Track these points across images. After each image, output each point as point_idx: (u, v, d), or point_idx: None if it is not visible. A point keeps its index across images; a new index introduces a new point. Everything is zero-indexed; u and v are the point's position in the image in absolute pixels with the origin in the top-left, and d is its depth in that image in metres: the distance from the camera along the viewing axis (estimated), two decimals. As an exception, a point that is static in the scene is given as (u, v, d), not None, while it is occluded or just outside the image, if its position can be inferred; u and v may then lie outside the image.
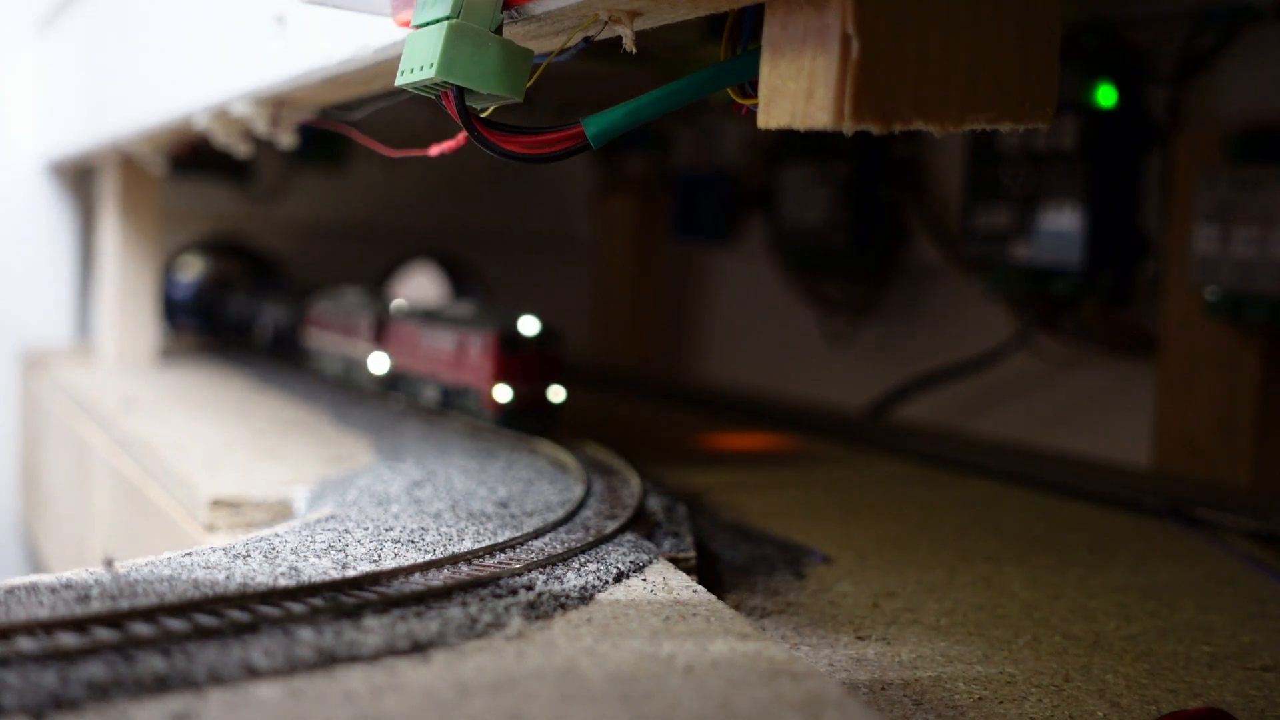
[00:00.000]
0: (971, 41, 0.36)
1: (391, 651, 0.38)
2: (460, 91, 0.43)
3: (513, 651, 0.39)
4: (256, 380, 1.13)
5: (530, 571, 0.47)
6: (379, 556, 0.49)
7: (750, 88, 0.41)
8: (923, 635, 0.52)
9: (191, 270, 1.60)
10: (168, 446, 0.78)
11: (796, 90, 0.36)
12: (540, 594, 0.45)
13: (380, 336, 0.96)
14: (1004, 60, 0.37)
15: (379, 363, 0.95)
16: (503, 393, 0.76)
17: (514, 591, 0.45)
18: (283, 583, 0.43)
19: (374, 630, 0.39)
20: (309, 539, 0.51)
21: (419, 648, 0.39)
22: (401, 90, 0.44)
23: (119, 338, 1.25)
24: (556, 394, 0.77)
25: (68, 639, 0.36)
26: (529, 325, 0.77)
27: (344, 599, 0.42)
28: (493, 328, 0.78)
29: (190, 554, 0.48)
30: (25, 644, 0.35)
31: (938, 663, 0.49)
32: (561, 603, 0.44)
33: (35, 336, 1.46)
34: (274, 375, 1.15)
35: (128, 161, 1.19)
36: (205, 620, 0.39)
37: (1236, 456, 0.85)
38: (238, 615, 0.39)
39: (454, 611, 0.42)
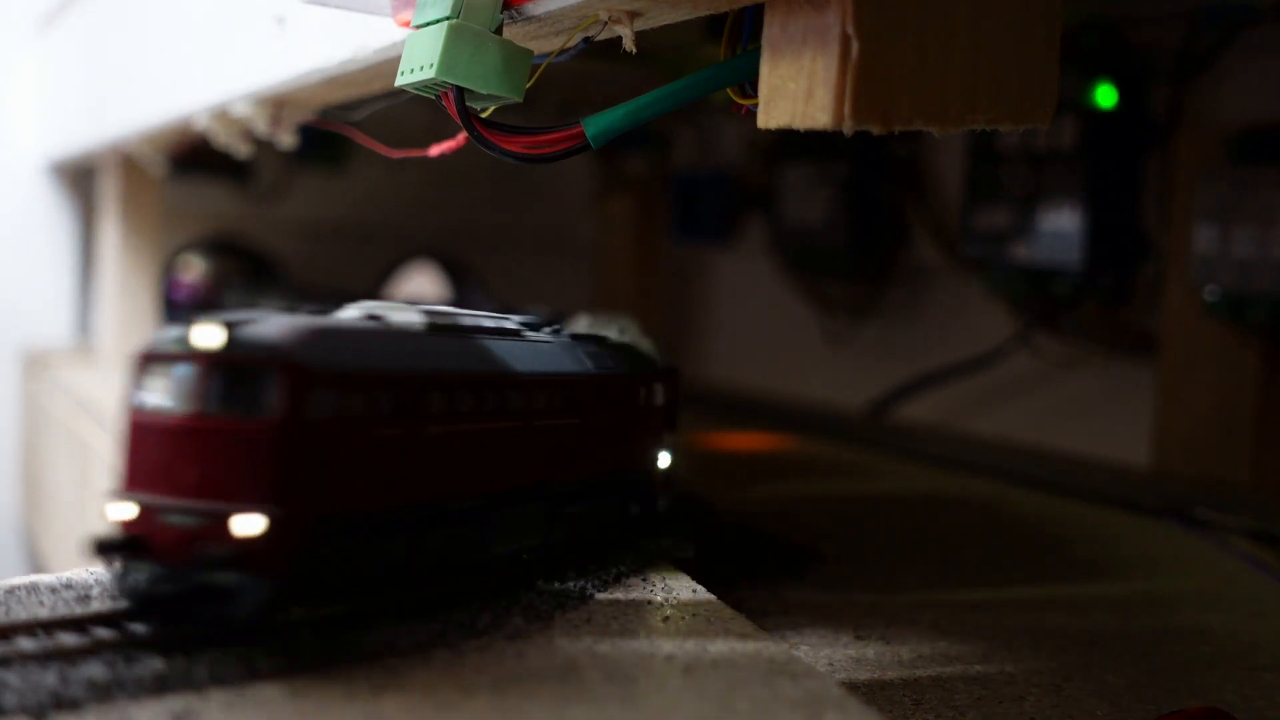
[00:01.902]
0: (971, 42, 0.36)
1: (392, 651, 0.38)
2: (460, 91, 0.43)
3: (513, 651, 0.39)
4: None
5: (530, 571, 0.47)
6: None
7: (750, 88, 0.41)
8: (922, 635, 0.52)
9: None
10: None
11: (796, 90, 0.36)
12: (540, 594, 0.45)
13: None
14: (1003, 60, 0.37)
15: None
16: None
17: (514, 591, 0.45)
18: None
19: (374, 630, 0.39)
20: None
21: (419, 647, 0.39)
22: (402, 90, 0.44)
23: (119, 338, 1.25)
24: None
25: (68, 639, 0.36)
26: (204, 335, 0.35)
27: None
28: None
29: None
30: (25, 644, 0.35)
31: (937, 662, 0.49)
32: (561, 603, 0.44)
33: (35, 336, 1.46)
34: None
35: (128, 162, 1.19)
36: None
37: (1236, 456, 0.85)
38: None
39: (454, 611, 0.42)
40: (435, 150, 0.55)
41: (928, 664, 0.48)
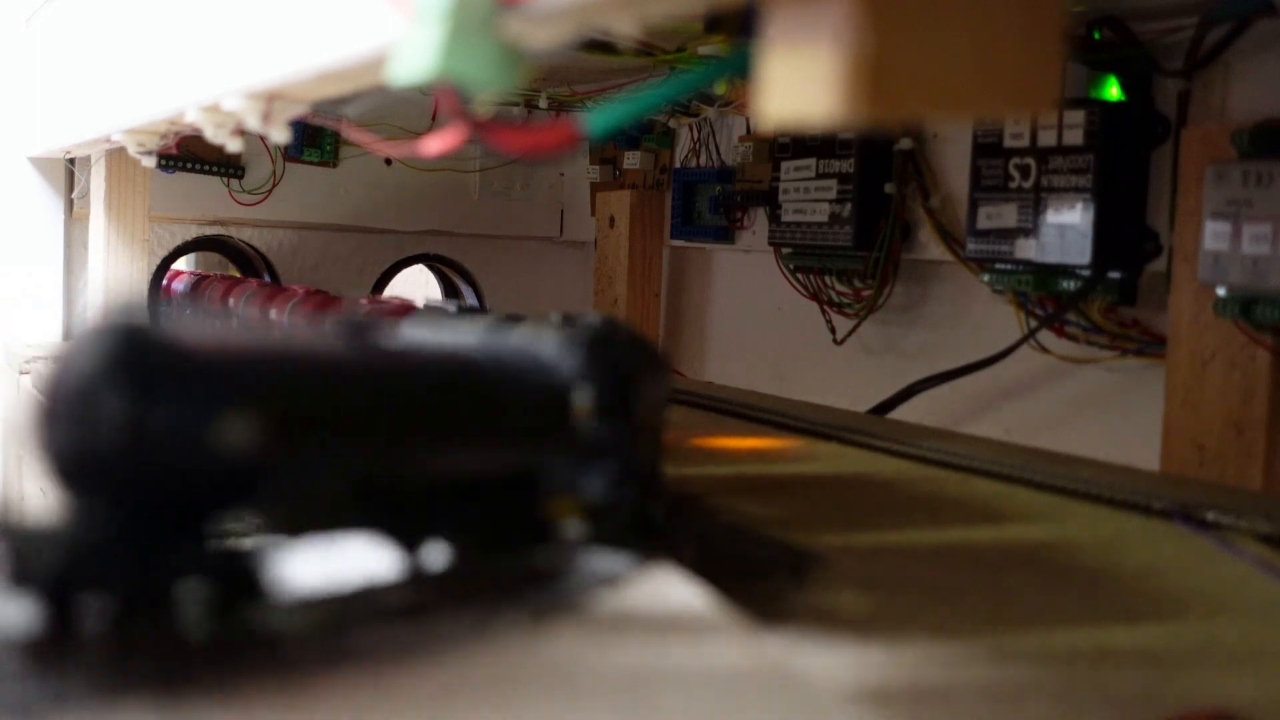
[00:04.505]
0: (973, 29, 0.35)
1: (384, 651, 0.37)
2: (457, 87, 0.42)
3: (513, 651, 0.38)
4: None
5: (529, 572, 0.47)
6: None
7: (751, 82, 0.40)
8: (925, 638, 0.51)
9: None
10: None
11: (797, 84, 0.35)
12: (539, 594, 0.44)
13: None
14: (1006, 46, 0.36)
15: None
16: None
17: (514, 592, 0.44)
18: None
19: (366, 630, 0.39)
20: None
21: (412, 648, 0.38)
22: (397, 86, 0.43)
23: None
24: None
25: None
26: None
27: (344, 599, 0.41)
28: None
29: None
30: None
31: (941, 666, 0.48)
32: (558, 603, 0.44)
33: (23, 338, 1.45)
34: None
35: (116, 157, 1.18)
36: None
37: (1247, 457, 0.84)
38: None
39: (448, 611, 0.41)
40: (432, 147, 0.55)
41: (931, 669, 0.48)
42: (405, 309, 0.91)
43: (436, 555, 0.44)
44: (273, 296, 1.19)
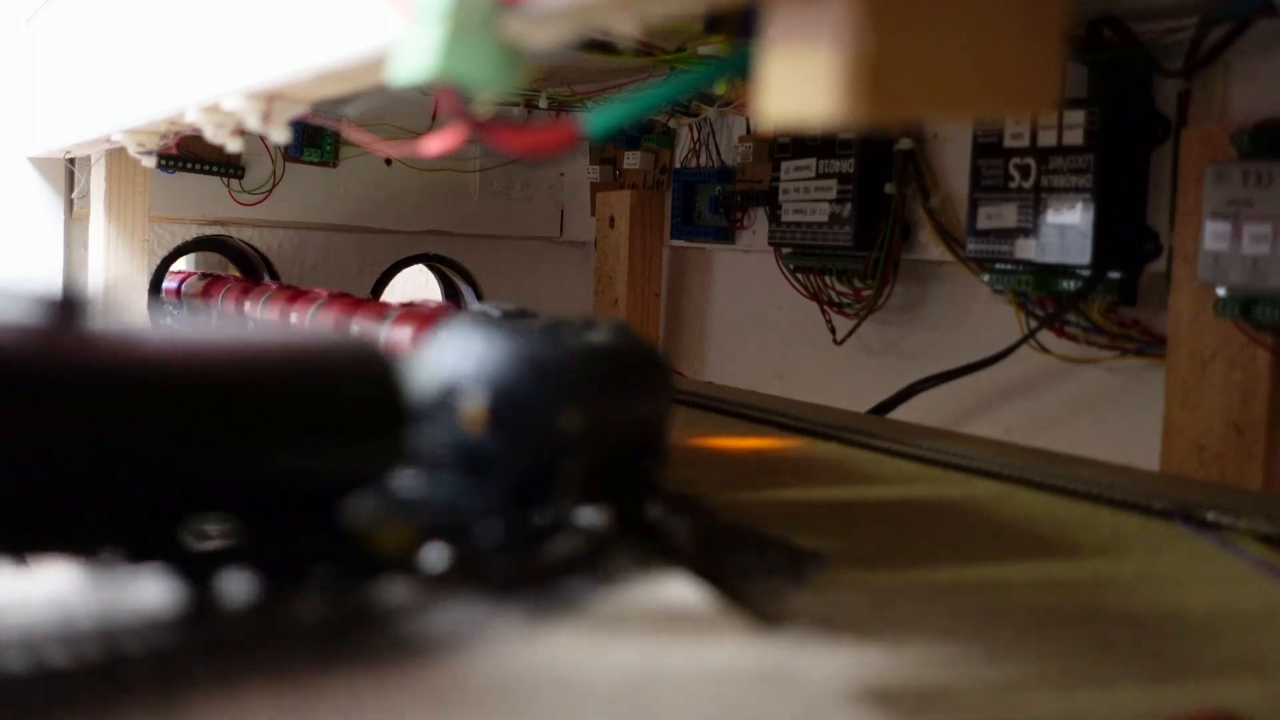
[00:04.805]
0: (973, 29, 0.35)
1: (379, 651, 0.37)
2: (457, 88, 0.42)
3: (513, 651, 0.38)
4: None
5: (529, 572, 0.47)
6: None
7: (751, 82, 0.40)
8: (926, 638, 0.51)
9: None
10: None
11: (797, 84, 0.35)
12: (539, 594, 0.44)
13: None
14: (1007, 48, 0.36)
15: None
16: None
17: (506, 591, 0.44)
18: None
19: (375, 630, 0.39)
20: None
21: (407, 647, 0.38)
22: (397, 87, 0.43)
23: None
24: None
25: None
26: None
27: (344, 599, 0.41)
28: None
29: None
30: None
31: (941, 666, 0.48)
32: (560, 603, 0.44)
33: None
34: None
35: (116, 157, 1.18)
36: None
37: (1247, 457, 0.84)
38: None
39: (444, 610, 0.41)
40: (432, 147, 0.55)
41: (932, 668, 0.48)
42: (442, 312, 0.89)
43: (234, 592, 0.36)
44: (294, 299, 1.14)
